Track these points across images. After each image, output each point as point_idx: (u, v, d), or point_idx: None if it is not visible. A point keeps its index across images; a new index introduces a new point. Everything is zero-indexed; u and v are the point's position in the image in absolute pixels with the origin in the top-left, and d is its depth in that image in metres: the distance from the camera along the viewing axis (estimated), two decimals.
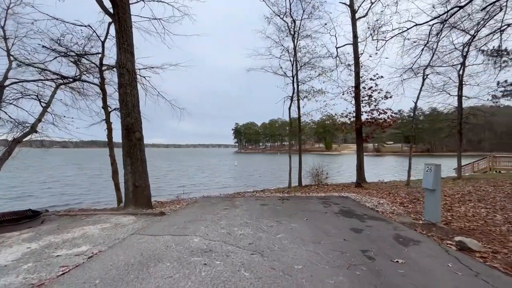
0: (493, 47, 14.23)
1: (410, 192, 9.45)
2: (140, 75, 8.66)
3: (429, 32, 8.54)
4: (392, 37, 8.51)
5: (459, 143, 14.96)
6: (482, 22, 12.81)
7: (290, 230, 4.10)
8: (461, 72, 14.22)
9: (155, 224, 4.63)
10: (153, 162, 45.34)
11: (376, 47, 9.53)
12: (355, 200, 7.02)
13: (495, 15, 12.72)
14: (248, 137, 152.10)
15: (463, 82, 14.49)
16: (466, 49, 13.78)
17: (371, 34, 9.62)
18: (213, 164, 41.53)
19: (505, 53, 14.42)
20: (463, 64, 14.18)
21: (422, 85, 12.68)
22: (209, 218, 4.95)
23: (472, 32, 13.35)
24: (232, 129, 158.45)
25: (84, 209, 7.97)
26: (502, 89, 16.25)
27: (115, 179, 8.52)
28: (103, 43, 7.64)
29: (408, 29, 7.66)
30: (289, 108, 12.29)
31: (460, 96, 14.64)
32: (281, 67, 11.89)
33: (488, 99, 15.83)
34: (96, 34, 7.58)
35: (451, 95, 15.36)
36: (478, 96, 15.53)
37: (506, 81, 16.22)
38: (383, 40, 9.15)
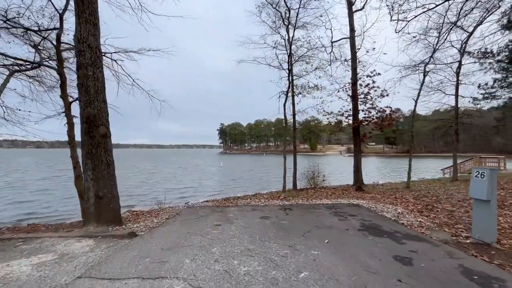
0: (480, 49, 13.96)
1: (417, 197, 8.63)
2: (111, 59, 7.16)
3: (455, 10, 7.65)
4: (415, 16, 7.57)
5: (456, 143, 14.56)
6: (480, 19, 12.45)
7: (313, 262, 2.90)
8: (457, 71, 13.82)
9: (120, 254, 3.26)
10: (134, 163, 42.75)
11: (395, 29, 8.59)
12: (370, 209, 5.98)
13: (493, 12, 12.37)
14: (234, 137, 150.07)
15: (459, 81, 14.12)
16: (463, 47, 13.40)
17: (389, 13, 8.66)
18: (199, 165, 39.74)
19: (491, 55, 14.13)
20: (460, 62, 13.77)
21: (423, 82, 12.04)
22: (197, 242, 3.64)
23: (470, 29, 13.01)
24: (217, 130, 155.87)
25: (35, 225, 6.35)
26: (483, 91, 16.12)
27: (79, 186, 6.92)
28: (61, 15, 6.08)
29: (437, 5, 6.73)
30: (284, 104, 11.16)
31: (457, 96, 14.24)
32: (277, 57, 10.74)
33: (469, 101, 15.57)
34: (52, 3, 6.01)
35: (446, 94, 14.99)
36: (472, 95, 15.27)
37: (486, 83, 16.09)
38: (403, 20, 8.18)
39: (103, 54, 6.96)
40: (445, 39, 12.88)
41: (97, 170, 4.79)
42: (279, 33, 10.50)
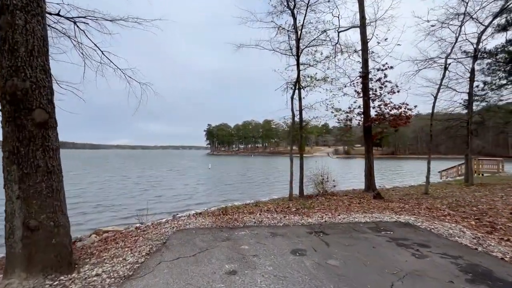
0: (475, 48, 13.02)
1: (451, 206, 7.31)
2: (74, 22, 5.14)
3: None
4: None
5: (470, 143, 13.47)
6: (499, 10, 11.46)
7: None
8: (472, 66, 12.78)
9: None
10: (117, 165, 39.79)
11: None
12: (431, 231, 4.39)
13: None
14: (221, 138, 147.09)
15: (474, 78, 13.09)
16: (478, 41, 12.39)
17: None
18: (186, 168, 37.43)
19: (486, 55, 13.21)
20: (475, 57, 12.74)
21: (443, 76, 10.83)
22: None
23: (486, 22, 12.04)
24: (205, 130, 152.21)
25: None
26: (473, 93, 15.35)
27: None
28: None
29: None
30: (292, 97, 9.49)
31: (470, 94, 13.19)
32: (289, 37, 9.07)
33: (460, 103, 14.60)
34: None
35: (458, 92, 13.99)
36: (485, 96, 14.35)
37: (477, 86, 15.35)
38: None
39: (58, 13, 4.99)
40: (463, 32, 11.88)
41: (28, 183, 2.85)
42: (289, 9, 8.83)
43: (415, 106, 10.62)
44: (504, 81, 13.35)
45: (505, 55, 12.62)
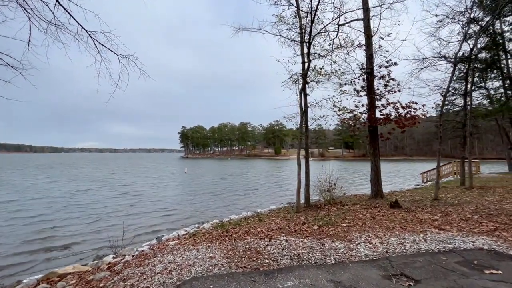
0: (463, 53, 13.02)
1: (483, 215, 6.51)
2: None
3: None
4: None
5: (469, 146, 13.20)
6: (499, 9, 11.30)
7: None
8: (468, 67, 12.58)
9: None
10: (86, 172, 35.44)
11: None
12: None
13: None
14: (196, 141, 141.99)
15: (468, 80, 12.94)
16: (475, 41, 12.19)
17: None
18: (165, 174, 34.51)
19: (474, 58, 13.25)
20: (473, 58, 12.52)
21: (453, 73, 10.29)
22: None
23: (482, 23, 11.91)
24: (179, 133, 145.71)
25: None
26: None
27: None
28: None
29: None
30: (301, 92, 8.15)
31: (466, 94, 12.99)
32: (303, 9, 7.70)
33: (432, 107, 14.71)
34: None
35: (455, 94, 13.88)
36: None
37: (449, 91, 15.61)
38: None
39: None
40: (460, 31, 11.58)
41: None
42: None
43: (424, 105, 9.86)
44: (473, 87, 13.50)
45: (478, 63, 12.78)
